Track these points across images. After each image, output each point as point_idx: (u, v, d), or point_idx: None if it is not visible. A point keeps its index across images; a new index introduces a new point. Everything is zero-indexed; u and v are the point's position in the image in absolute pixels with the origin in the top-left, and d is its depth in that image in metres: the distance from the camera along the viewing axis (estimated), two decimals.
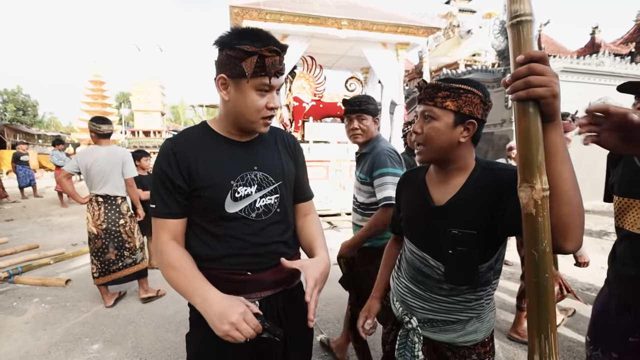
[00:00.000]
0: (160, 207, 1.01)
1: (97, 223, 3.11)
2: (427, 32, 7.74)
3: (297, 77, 7.77)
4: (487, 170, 1.00)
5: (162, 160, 1.01)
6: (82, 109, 16.09)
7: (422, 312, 1.08)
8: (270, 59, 0.94)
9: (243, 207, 1.02)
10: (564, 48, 14.34)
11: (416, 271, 1.10)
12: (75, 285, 3.66)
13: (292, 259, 1.12)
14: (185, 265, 0.96)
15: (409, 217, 1.14)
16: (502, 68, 8.19)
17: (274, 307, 1.08)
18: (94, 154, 3.12)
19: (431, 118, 0.99)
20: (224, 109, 1.04)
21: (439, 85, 0.98)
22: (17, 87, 34.29)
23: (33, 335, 2.75)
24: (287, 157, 1.16)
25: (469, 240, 0.95)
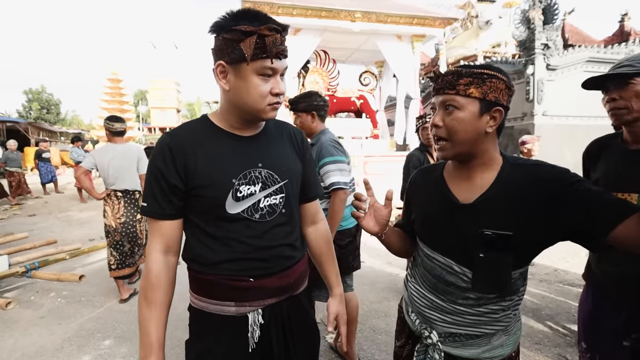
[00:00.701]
0: (152, 206, 0.94)
1: (116, 217, 3.24)
2: (444, 23, 7.50)
3: (310, 71, 7.68)
4: (517, 166, 0.91)
5: (158, 157, 0.93)
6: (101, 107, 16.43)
7: (444, 325, 0.96)
8: (270, 38, 0.86)
9: (246, 207, 0.95)
10: (590, 37, 13.71)
11: (437, 279, 0.97)
12: (90, 280, 3.72)
13: (299, 262, 1.05)
14: (157, 306, 0.93)
15: (426, 217, 1.02)
16: (523, 59, 7.85)
17: (278, 316, 1.00)
18: (110, 151, 3.23)
19: (454, 108, 0.88)
20: (225, 100, 0.96)
21: (459, 71, 0.88)
22: (42, 86, 35.44)
23: (48, 329, 2.79)
24: (294, 154, 1.08)
25: (504, 243, 0.84)
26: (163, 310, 0.94)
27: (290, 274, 1.02)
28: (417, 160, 2.87)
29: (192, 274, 1.00)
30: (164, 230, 0.95)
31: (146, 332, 0.91)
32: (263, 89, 0.89)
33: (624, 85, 1.19)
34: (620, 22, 13.67)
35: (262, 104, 0.91)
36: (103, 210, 3.35)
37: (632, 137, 1.24)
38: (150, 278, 0.93)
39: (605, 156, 1.32)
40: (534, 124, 7.58)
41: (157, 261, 0.94)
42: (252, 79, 0.88)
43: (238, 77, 0.89)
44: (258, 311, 0.97)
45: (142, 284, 0.95)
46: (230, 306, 0.95)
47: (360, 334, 2.65)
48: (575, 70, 7.76)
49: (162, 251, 0.95)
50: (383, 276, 3.85)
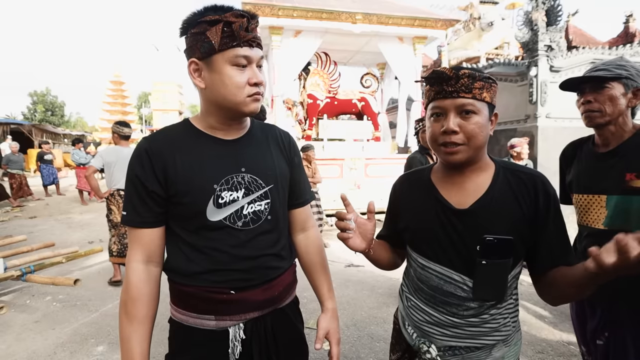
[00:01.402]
0: (132, 214, 0.90)
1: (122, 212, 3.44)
2: (446, 24, 7.45)
3: (312, 73, 7.65)
4: (508, 170, 0.93)
5: (135, 162, 0.89)
6: (104, 109, 16.55)
7: (443, 339, 0.92)
8: (237, 24, 0.82)
9: (228, 214, 0.90)
10: (594, 39, 13.60)
11: (434, 290, 0.93)
12: (87, 284, 3.69)
13: (285, 272, 1.00)
14: (139, 321, 0.88)
15: (419, 226, 0.97)
16: (526, 61, 7.77)
17: (261, 331, 0.94)
18: (117, 153, 3.53)
19: (472, 112, 0.86)
20: (203, 100, 0.92)
21: (474, 74, 0.86)
22: (46, 88, 35.74)
23: (41, 334, 2.75)
24: (280, 158, 1.03)
25: (506, 248, 0.84)
26: (146, 325, 0.89)
27: (275, 286, 0.96)
28: (419, 163, 2.82)
29: (171, 285, 0.95)
30: (144, 239, 0.90)
31: (128, 348, 0.86)
32: (239, 79, 0.85)
33: (599, 89, 1.22)
34: (625, 23, 13.54)
35: (240, 95, 0.86)
36: (107, 209, 3.64)
37: (602, 141, 1.28)
38: (130, 290, 0.88)
39: (578, 159, 1.37)
40: (537, 126, 7.50)
41: (137, 272, 0.89)
42: (226, 70, 0.84)
43: (212, 71, 0.85)
44: (239, 325, 0.92)
45: (122, 297, 0.89)
46: (210, 320, 0.90)
47: (359, 341, 2.59)
48: (579, 72, 7.66)
49: (142, 261, 0.90)
50: (383, 281, 3.79)
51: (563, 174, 1.46)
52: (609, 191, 1.21)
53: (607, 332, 1.22)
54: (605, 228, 1.22)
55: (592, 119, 1.25)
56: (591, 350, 1.32)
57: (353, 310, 3.08)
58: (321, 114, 7.67)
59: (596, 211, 1.25)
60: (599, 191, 1.24)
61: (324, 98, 7.65)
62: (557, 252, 0.88)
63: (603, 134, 1.27)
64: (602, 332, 1.23)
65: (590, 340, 1.28)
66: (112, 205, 3.60)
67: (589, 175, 1.29)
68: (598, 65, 1.25)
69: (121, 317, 0.88)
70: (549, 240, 0.88)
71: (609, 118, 1.21)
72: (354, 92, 8.00)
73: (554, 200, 0.88)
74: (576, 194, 1.33)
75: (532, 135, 7.54)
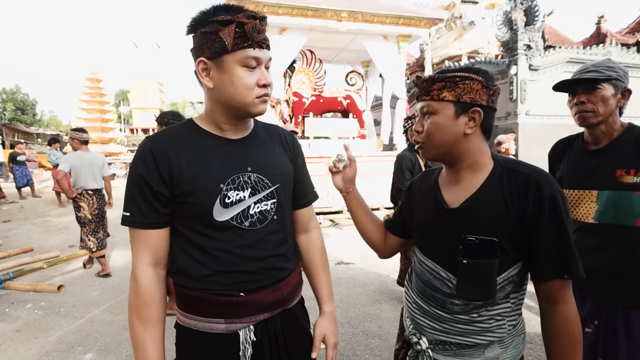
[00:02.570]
0: (136, 215, 0.87)
1: (92, 210, 4.05)
2: (429, 23, 7.56)
3: (297, 71, 7.61)
4: (509, 169, 0.89)
5: (139, 162, 0.87)
6: (80, 107, 15.92)
7: (433, 332, 0.94)
8: (250, 25, 0.82)
9: (235, 214, 0.88)
10: (568, 39, 14.10)
11: (425, 284, 0.96)
12: (70, 289, 3.55)
13: (292, 273, 0.99)
14: (154, 324, 0.87)
15: (421, 222, 1.02)
16: (507, 59, 7.99)
17: (271, 332, 0.93)
18: (81, 157, 3.99)
19: (430, 113, 0.91)
20: (210, 99, 0.90)
21: (432, 77, 0.90)
22: (16, 86, 34.10)
23: (24, 344, 2.64)
24: (285, 158, 1.02)
25: (488, 249, 0.83)
26: (160, 328, 0.88)
27: (283, 287, 0.95)
28: (409, 161, 2.85)
29: (178, 289, 0.92)
30: (150, 241, 0.88)
31: (145, 354, 0.84)
32: (249, 80, 0.84)
33: (592, 90, 1.25)
34: (597, 24, 14.12)
35: (249, 96, 0.85)
36: (76, 208, 4.04)
37: (592, 139, 1.32)
38: (142, 295, 0.86)
39: (568, 156, 1.41)
40: (518, 123, 7.72)
41: (147, 275, 0.87)
42: (236, 70, 0.83)
43: (221, 71, 0.84)
44: (250, 328, 0.90)
45: (132, 301, 0.87)
46: (220, 323, 0.89)
47: (354, 338, 2.61)
48: (556, 70, 7.94)
49: (150, 264, 0.88)
50: (374, 278, 3.82)
51: (552, 170, 1.50)
52: (600, 187, 1.26)
53: (597, 320, 1.27)
54: (595, 222, 1.27)
55: (585, 119, 1.28)
56: None
57: (346, 308, 3.10)
58: (307, 112, 7.65)
59: (586, 206, 1.30)
60: (589, 187, 1.28)
61: (310, 96, 7.63)
62: (552, 261, 0.83)
63: (594, 133, 1.31)
64: (592, 320, 1.28)
65: None
66: (81, 203, 4.01)
67: (579, 171, 1.33)
68: (588, 66, 1.28)
69: (134, 322, 0.86)
70: (544, 246, 0.83)
71: (602, 118, 1.25)
72: (339, 90, 8.01)
73: (550, 202, 0.81)
74: (567, 189, 1.37)
75: (512, 131, 7.75)
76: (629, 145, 1.24)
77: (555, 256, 0.82)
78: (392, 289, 3.49)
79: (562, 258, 0.82)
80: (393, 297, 3.31)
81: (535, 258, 0.84)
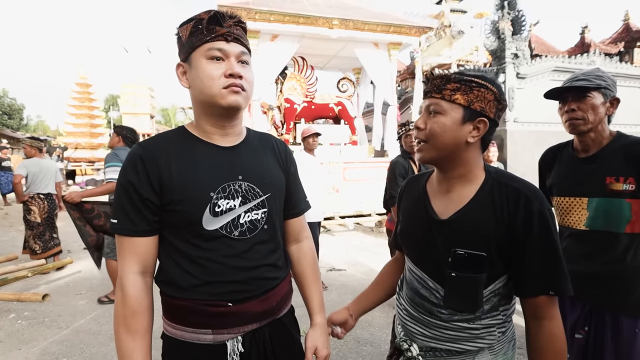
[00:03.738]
0: (125, 223, 0.85)
1: (42, 213, 4.31)
2: (420, 31, 7.68)
3: (288, 78, 7.65)
4: (500, 182, 0.87)
5: (129, 169, 0.86)
6: (69, 112, 15.70)
7: (423, 339, 0.93)
8: (205, 19, 0.85)
9: (224, 223, 0.87)
10: (553, 48, 14.45)
11: (414, 292, 0.96)
12: (55, 298, 3.47)
13: (282, 282, 0.98)
14: (142, 334, 0.84)
15: (409, 230, 1.01)
16: (495, 68, 8.15)
17: (259, 343, 0.92)
18: (38, 164, 4.34)
19: (437, 112, 0.87)
20: (192, 102, 0.92)
21: (448, 76, 0.86)
22: (3, 90, 33.44)
23: (6, 356, 2.55)
24: (277, 167, 1.01)
25: (477, 264, 0.83)
26: (148, 339, 0.86)
27: (273, 297, 0.94)
28: (402, 167, 2.87)
29: (164, 299, 0.91)
30: (139, 249, 0.86)
31: (134, 357, 0.82)
32: (213, 71, 0.84)
33: (582, 98, 1.27)
34: (581, 34, 14.53)
35: (214, 86, 0.84)
36: (27, 211, 4.27)
37: (582, 146, 1.34)
38: (130, 304, 0.84)
39: (558, 163, 1.42)
40: (506, 130, 7.86)
41: (135, 285, 0.85)
42: (201, 64, 0.85)
43: (192, 69, 0.87)
44: (238, 338, 0.89)
45: (119, 311, 0.85)
46: (207, 334, 0.87)
47: (345, 346, 2.59)
48: (542, 78, 8.12)
49: (138, 272, 0.86)
50: (366, 284, 3.77)
51: (543, 178, 1.52)
52: (590, 194, 1.27)
53: (587, 326, 1.28)
54: (586, 229, 1.29)
55: (575, 126, 1.30)
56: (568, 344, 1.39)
57: None
58: (298, 118, 7.67)
59: (577, 213, 1.31)
60: (580, 194, 1.30)
61: (301, 102, 7.66)
62: (539, 277, 0.82)
63: (584, 140, 1.32)
64: (582, 326, 1.29)
65: (569, 334, 1.33)
66: (32, 206, 4.28)
67: (570, 179, 1.35)
68: (578, 75, 1.31)
69: (120, 333, 0.84)
70: (531, 262, 0.82)
71: (591, 125, 1.27)
72: (330, 97, 8.07)
73: (539, 219, 0.81)
74: (557, 196, 1.39)
75: (501, 138, 7.89)
76: (617, 153, 1.26)
77: (542, 272, 0.82)
78: None
79: (550, 274, 0.82)
80: (385, 304, 3.29)
81: (523, 273, 0.84)
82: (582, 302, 1.30)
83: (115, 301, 0.87)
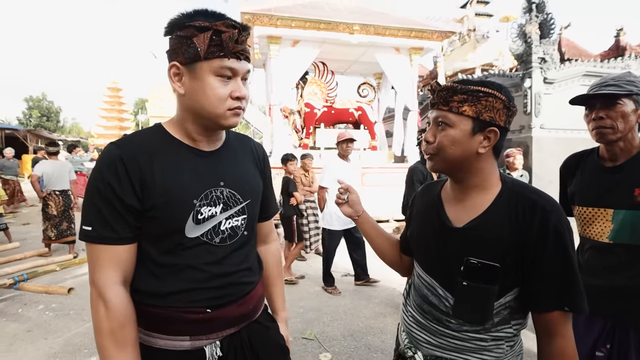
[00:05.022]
0: (102, 230, 0.78)
1: (58, 207, 5.07)
2: (442, 36, 7.58)
3: (309, 83, 7.72)
4: (517, 193, 0.86)
5: (107, 171, 0.79)
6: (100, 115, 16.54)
7: (429, 347, 0.92)
8: (227, 34, 0.79)
9: (205, 230, 0.86)
10: (586, 51, 13.86)
11: (422, 299, 0.95)
12: (80, 292, 3.62)
13: (257, 285, 0.99)
14: (131, 345, 0.80)
15: (420, 236, 1.00)
16: (521, 72, 7.90)
17: (237, 347, 0.91)
18: (52, 165, 5.08)
19: (445, 125, 0.86)
20: (181, 106, 0.87)
21: (454, 87, 0.85)
22: (42, 94, 35.55)
23: (34, 344, 2.71)
24: (256, 172, 1.01)
25: (490, 275, 0.80)
26: (137, 348, 0.82)
27: (249, 301, 0.94)
28: (421, 173, 2.85)
29: (139, 307, 0.85)
30: (120, 257, 0.80)
31: None
32: (221, 91, 0.81)
33: (611, 105, 1.19)
34: (616, 37, 13.85)
35: (220, 107, 0.82)
36: (45, 205, 5.02)
37: (609, 155, 1.27)
38: (117, 316, 0.78)
39: (582, 171, 1.35)
40: (532, 137, 7.59)
41: (119, 295, 0.79)
42: (209, 79, 0.80)
43: (193, 78, 0.81)
44: (216, 343, 0.88)
45: (104, 325, 0.78)
46: (185, 340, 0.85)
47: (356, 352, 2.58)
48: (572, 83, 7.81)
49: (120, 282, 0.80)
50: (380, 291, 3.78)
51: (564, 185, 1.45)
52: (616, 205, 1.20)
53: (609, 344, 1.21)
54: (610, 242, 1.21)
55: (603, 135, 1.23)
56: None
57: (350, 320, 3.06)
58: (318, 123, 7.71)
59: (601, 224, 1.24)
60: (605, 205, 1.23)
61: (321, 107, 7.70)
62: (554, 292, 0.80)
63: (612, 149, 1.25)
64: (604, 343, 1.22)
65: (590, 353, 1.26)
66: (49, 202, 5.03)
67: (594, 188, 1.28)
68: (607, 80, 1.22)
69: (108, 348, 0.78)
70: (546, 276, 0.80)
71: (621, 134, 1.20)
72: (351, 102, 8.07)
73: (555, 232, 0.79)
74: (579, 206, 1.32)
75: (526, 145, 7.63)
76: None
77: (557, 287, 0.80)
78: (397, 303, 3.44)
79: (565, 290, 0.80)
80: (398, 311, 3.26)
81: (536, 287, 0.82)
82: (604, 318, 1.23)
83: (96, 317, 0.79)
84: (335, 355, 2.54)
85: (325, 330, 2.88)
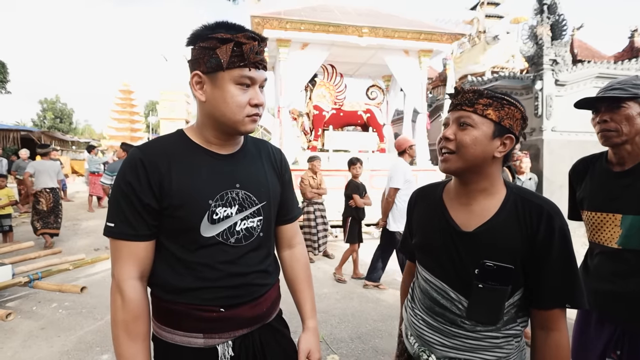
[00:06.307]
0: (123, 227, 0.85)
1: (48, 203, 5.57)
2: (451, 38, 7.54)
3: (318, 85, 7.74)
4: (522, 198, 0.90)
5: (129, 172, 0.85)
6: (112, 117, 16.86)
7: (443, 349, 0.94)
8: (248, 46, 0.84)
9: (221, 230, 0.89)
10: (599, 53, 13.65)
11: (432, 302, 0.96)
12: (92, 291, 3.70)
13: (272, 287, 1.01)
14: (143, 338, 0.85)
15: (425, 241, 1.02)
16: (532, 74, 7.81)
17: (249, 348, 0.93)
18: (43, 164, 5.70)
19: (468, 125, 0.89)
20: (202, 113, 0.92)
21: (481, 91, 0.89)
22: (56, 96, 36.31)
23: (47, 341, 2.76)
24: (273, 175, 1.03)
25: (505, 276, 0.85)
26: (148, 343, 0.87)
27: (263, 303, 0.96)
28: None
29: (156, 302, 0.92)
30: (139, 254, 0.86)
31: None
32: (241, 98, 0.86)
33: (616, 108, 1.21)
34: (630, 38, 13.61)
35: (239, 114, 0.87)
36: (37, 201, 5.51)
37: (617, 159, 1.27)
38: (131, 309, 0.83)
39: (591, 176, 1.35)
40: (543, 140, 7.49)
41: (136, 290, 0.85)
42: (229, 88, 0.85)
43: (215, 87, 0.86)
44: (228, 343, 0.90)
45: (119, 316, 0.84)
46: (198, 338, 0.89)
47: (363, 354, 2.57)
48: (584, 85, 7.69)
49: (137, 278, 0.86)
50: (388, 294, 3.76)
51: (573, 190, 1.44)
52: (625, 210, 1.20)
53: (619, 350, 1.20)
54: (618, 247, 1.20)
55: (608, 138, 1.24)
56: None
57: (357, 323, 3.06)
58: (327, 125, 7.73)
59: (610, 230, 1.23)
60: (613, 210, 1.22)
61: (330, 109, 7.72)
62: (557, 290, 0.85)
63: (619, 153, 1.25)
64: (614, 349, 1.21)
65: (599, 357, 1.26)
66: (41, 198, 5.53)
67: (603, 193, 1.27)
68: (613, 83, 1.23)
69: (121, 338, 0.83)
70: (551, 276, 0.85)
71: (626, 138, 1.20)
72: (359, 104, 8.07)
73: (559, 235, 0.84)
74: (588, 211, 1.31)
75: (537, 148, 7.54)
76: None
77: (561, 286, 0.85)
78: None
79: (568, 288, 0.85)
80: None
81: (541, 286, 0.87)
82: (613, 324, 1.22)
83: (113, 307, 0.85)
84: (342, 357, 2.54)
85: (333, 332, 2.89)
